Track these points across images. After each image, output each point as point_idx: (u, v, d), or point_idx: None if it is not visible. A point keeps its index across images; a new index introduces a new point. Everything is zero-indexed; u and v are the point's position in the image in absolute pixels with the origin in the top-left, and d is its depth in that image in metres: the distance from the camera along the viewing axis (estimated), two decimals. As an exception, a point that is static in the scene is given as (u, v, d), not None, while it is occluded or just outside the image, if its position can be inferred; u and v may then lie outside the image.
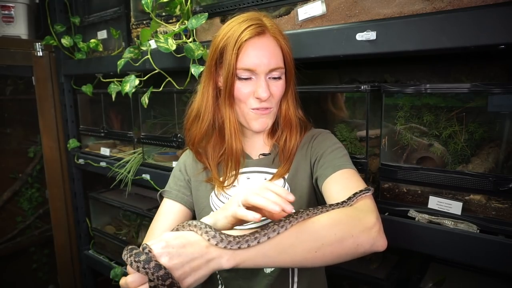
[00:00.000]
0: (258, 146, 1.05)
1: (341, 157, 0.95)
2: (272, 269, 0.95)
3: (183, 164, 1.11)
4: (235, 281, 0.99)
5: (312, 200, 0.99)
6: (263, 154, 1.04)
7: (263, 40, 0.91)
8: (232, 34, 0.90)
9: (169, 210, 1.04)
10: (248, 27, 0.89)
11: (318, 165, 0.96)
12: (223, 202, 1.00)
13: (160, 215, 1.04)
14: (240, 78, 0.92)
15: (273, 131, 1.04)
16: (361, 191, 0.83)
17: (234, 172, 1.00)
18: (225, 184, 1.00)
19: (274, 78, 0.93)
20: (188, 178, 1.08)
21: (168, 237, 0.68)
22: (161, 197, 1.09)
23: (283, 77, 0.95)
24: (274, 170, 1.01)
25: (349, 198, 0.82)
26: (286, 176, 0.99)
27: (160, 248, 0.66)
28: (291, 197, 0.70)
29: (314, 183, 0.98)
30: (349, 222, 0.73)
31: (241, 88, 0.92)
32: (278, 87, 0.94)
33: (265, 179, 1.00)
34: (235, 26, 0.91)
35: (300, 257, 0.70)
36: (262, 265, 0.71)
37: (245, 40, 0.88)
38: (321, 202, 0.96)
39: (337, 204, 0.80)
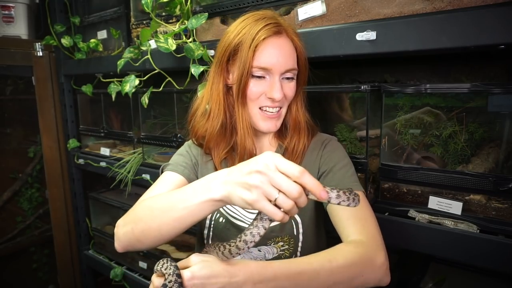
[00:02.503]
0: (264, 145, 1.04)
1: (351, 175, 0.95)
2: None
3: (190, 148, 1.07)
4: None
5: (316, 207, 0.99)
6: None
7: (280, 40, 0.90)
8: (248, 31, 0.88)
9: (171, 180, 0.98)
10: (266, 25, 0.88)
11: (326, 179, 0.96)
12: None
13: (160, 183, 0.97)
14: (254, 76, 0.91)
15: (279, 132, 1.03)
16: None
17: None
18: None
19: (287, 78, 0.93)
20: (195, 161, 1.05)
21: (194, 269, 0.68)
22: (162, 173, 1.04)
23: (295, 78, 0.95)
24: None
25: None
26: None
27: (187, 280, 0.67)
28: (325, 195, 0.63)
29: None
30: (362, 263, 0.76)
31: (253, 87, 0.91)
32: (291, 88, 0.94)
33: None
34: (251, 23, 0.89)
35: None
36: None
37: (263, 39, 0.87)
38: (323, 209, 0.96)
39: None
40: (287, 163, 0.62)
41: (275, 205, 0.62)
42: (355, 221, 0.84)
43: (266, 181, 0.61)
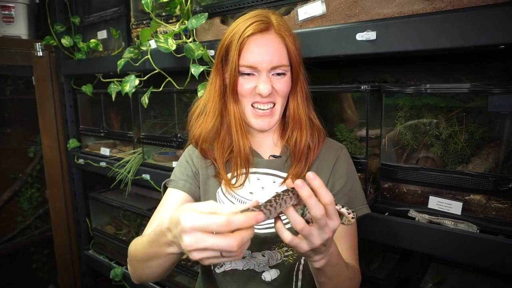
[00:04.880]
0: (268, 145, 1.03)
1: (360, 198, 0.99)
2: (274, 277, 0.95)
3: (190, 156, 1.06)
4: (231, 285, 0.98)
5: None
6: (274, 156, 1.02)
7: (266, 37, 0.90)
8: (237, 30, 0.89)
9: (175, 199, 0.98)
10: (253, 23, 0.88)
11: (336, 198, 0.96)
12: (231, 201, 0.98)
13: (164, 204, 0.98)
14: (242, 74, 0.91)
15: (283, 131, 1.01)
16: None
17: (244, 171, 0.98)
18: (235, 183, 0.98)
19: (278, 74, 0.92)
20: (195, 170, 1.03)
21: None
22: (165, 188, 1.04)
23: (288, 74, 0.93)
24: (285, 174, 0.99)
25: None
26: None
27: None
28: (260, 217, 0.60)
29: None
30: (357, 284, 0.91)
31: (243, 84, 0.91)
32: (282, 83, 0.92)
33: (274, 182, 0.99)
34: (241, 23, 0.90)
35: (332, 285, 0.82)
36: (316, 275, 0.81)
37: (248, 36, 0.88)
38: None
39: None
40: (204, 221, 0.57)
41: None
42: (351, 251, 0.95)
43: (197, 247, 0.58)
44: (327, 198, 0.63)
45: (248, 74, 0.91)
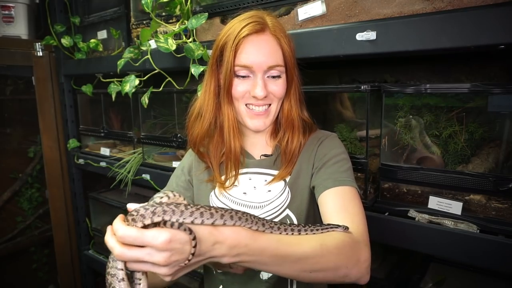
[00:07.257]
0: (260, 145, 1.04)
1: (345, 171, 0.92)
2: (270, 275, 0.95)
3: (186, 163, 1.09)
4: (231, 285, 0.98)
5: (312, 206, 0.97)
6: (265, 155, 1.03)
7: (261, 38, 0.90)
8: (232, 31, 0.90)
9: None
10: (248, 24, 0.89)
11: (319, 173, 0.94)
12: (223, 203, 0.99)
13: None
14: (237, 76, 0.91)
15: (276, 131, 1.02)
16: (337, 226, 0.77)
17: (234, 172, 0.99)
18: (227, 184, 0.99)
19: (273, 76, 0.92)
20: (189, 179, 1.07)
21: (174, 232, 0.60)
22: None
23: (283, 76, 0.93)
24: (275, 172, 0.99)
25: (323, 227, 0.76)
26: (287, 179, 0.98)
27: (166, 243, 0.59)
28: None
29: (311, 189, 0.97)
30: (348, 253, 0.73)
31: (237, 86, 0.92)
32: (278, 86, 0.93)
33: (265, 180, 1.00)
34: (236, 24, 0.91)
35: (293, 273, 0.70)
36: (258, 269, 0.73)
37: (243, 37, 0.88)
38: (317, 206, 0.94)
39: (309, 227, 0.76)
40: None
41: None
42: (345, 214, 0.82)
43: None
44: (118, 233, 0.65)
45: (243, 76, 0.91)
